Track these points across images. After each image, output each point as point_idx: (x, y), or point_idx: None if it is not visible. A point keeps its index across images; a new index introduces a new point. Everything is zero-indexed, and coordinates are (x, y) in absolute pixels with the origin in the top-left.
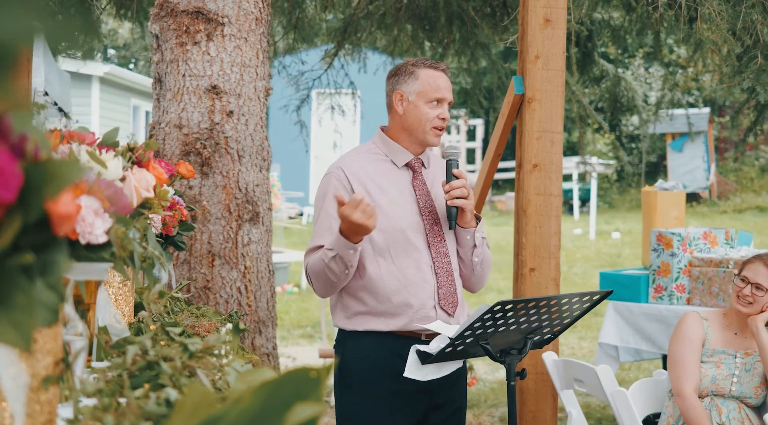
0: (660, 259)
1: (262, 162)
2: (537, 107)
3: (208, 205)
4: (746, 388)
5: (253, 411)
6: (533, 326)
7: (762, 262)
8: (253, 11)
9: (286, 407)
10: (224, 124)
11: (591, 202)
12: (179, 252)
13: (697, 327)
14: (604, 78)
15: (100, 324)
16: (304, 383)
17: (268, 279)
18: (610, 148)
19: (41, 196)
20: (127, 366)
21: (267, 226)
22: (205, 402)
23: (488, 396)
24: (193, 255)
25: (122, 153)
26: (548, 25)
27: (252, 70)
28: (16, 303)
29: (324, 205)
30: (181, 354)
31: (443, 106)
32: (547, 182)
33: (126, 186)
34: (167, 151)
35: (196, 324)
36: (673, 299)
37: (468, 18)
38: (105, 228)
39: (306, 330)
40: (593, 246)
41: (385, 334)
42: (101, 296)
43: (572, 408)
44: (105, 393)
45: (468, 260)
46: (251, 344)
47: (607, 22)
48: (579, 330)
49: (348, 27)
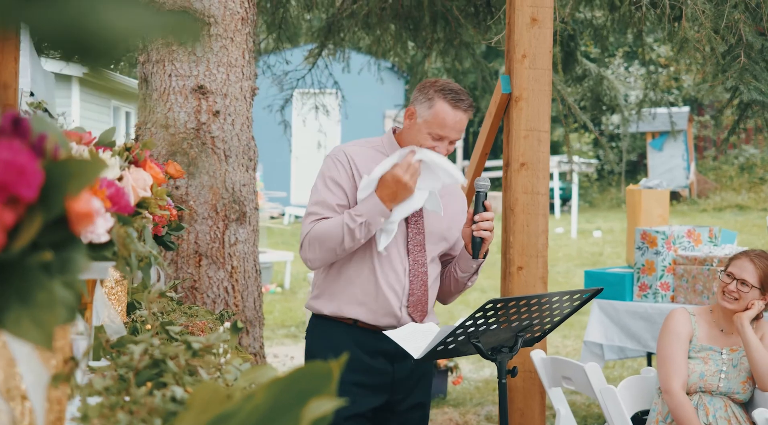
0: (644, 257)
1: (249, 162)
2: (524, 106)
3: (195, 204)
4: (734, 384)
5: (265, 407)
6: (524, 324)
7: (748, 258)
8: (239, 11)
9: (300, 403)
10: (211, 123)
11: (572, 200)
12: (166, 252)
13: (684, 323)
14: (586, 77)
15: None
16: (316, 378)
17: (255, 279)
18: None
19: (62, 195)
20: (135, 365)
21: (254, 226)
22: (216, 398)
23: (473, 394)
24: (180, 255)
25: (119, 152)
26: (535, 24)
27: (238, 70)
28: (37, 301)
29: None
30: (185, 353)
31: (443, 142)
32: (535, 181)
33: (124, 185)
34: (154, 151)
35: (190, 324)
36: (657, 297)
37: (452, 18)
38: (107, 228)
39: (290, 330)
40: (575, 244)
41: (351, 326)
42: (98, 295)
43: (560, 406)
44: (112, 392)
45: (462, 283)
46: (239, 343)
47: (589, 21)
48: (562, 329)
49: (331, 27)
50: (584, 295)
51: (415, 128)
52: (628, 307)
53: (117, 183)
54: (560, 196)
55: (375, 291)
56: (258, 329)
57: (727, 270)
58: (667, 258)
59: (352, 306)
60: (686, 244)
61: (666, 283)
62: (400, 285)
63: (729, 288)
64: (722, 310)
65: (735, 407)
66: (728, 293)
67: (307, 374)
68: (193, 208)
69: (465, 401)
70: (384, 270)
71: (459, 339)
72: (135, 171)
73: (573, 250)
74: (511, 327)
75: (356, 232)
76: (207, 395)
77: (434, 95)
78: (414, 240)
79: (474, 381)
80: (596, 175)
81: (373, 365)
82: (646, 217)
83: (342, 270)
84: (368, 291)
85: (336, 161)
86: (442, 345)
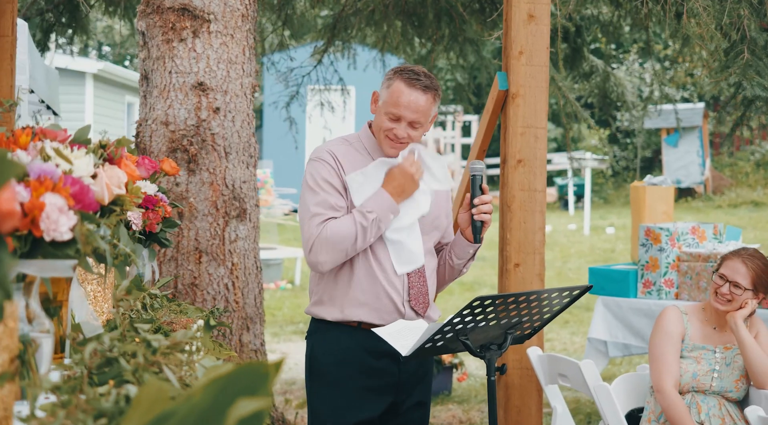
0: (648, 254)
1: (249, 158)
2: (521, 103)
3: (195, 201)
4: (727, 383)
5: (203, 406)
6: (513, 321)
7: (740, 259)
8: (239, 8)
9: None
10: (211, 120)
11: (585, 197)
12: (166, 248)
13: (676, 322)
14: (593, 74)
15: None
16: (253, 379)
17: (256, 276)
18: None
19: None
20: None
21: (254, 223)
22: (161, 398)
23: (478, 391)
24: (180, 251)
25: (93, 150)
26: (532, 21)
27: (238, 67)
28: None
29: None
30: (145, 351)
31: (400, 124)
32: (531, 177)
33: (97, 183)
34: (154, 148)
35: (174, 321)
36: (661, 294)
37: (456, 14)
38: (70, 225)
39: (298, 327)
40: (587, 241)
41: (355, 328)
42: (75, 293)
43: (557, 403)
44: (63, 390)
45: (457, 270)
46: (239, 340)
47: (596, 17)
48: (571, 326)
49: (337, 23)
50: (573, 292)
51: (377, 112)
52: (632, 304)
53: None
54: (574, 192)
55: (375, 290)
56: (259, 326)
57: (719, 272)
58: (671, 255)
59: (354, 308)
60: (690, 241)
61: (670, 280)
62: (399, 280)
63: (722, 291)
64: (715, 308)
65: (729, 405)
66: (721, 295)
67: (246, 374)
68: (194, 205)
69: (469, 398)
70: (382, 268)
71: (447, 337)
72: (109, 168)
73: (585, 247)
74: (500, 324)
75: (368, 231)
76: (152, 394)
77: (393, 76)
78: None
79: (479, 378)
80: (611, 171)
81: (379, 366)
82: (651, 214)
83: (339, 273)
84: (368, 291)
85: (323, 162)
86: (430, 342)
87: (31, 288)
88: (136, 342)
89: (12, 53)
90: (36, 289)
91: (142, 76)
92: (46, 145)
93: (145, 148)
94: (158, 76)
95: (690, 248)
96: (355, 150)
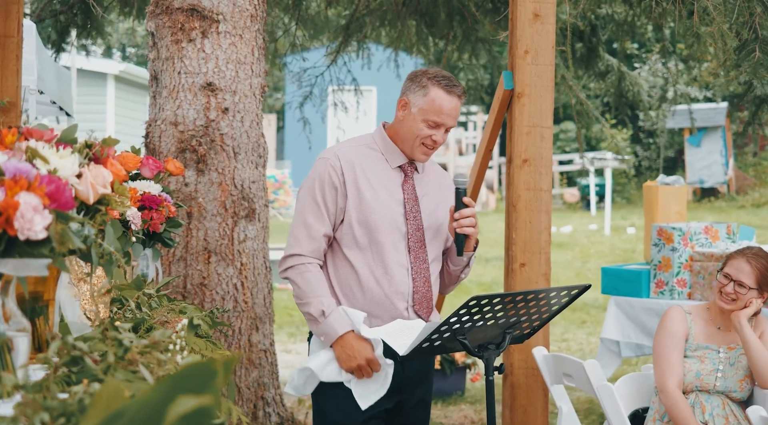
0: (661, 254)
1: (258, 158)
2: (526, 102)
3: (204, 201)
4: (731, 382)
5: (152, 404)
6: (511, 321)
7: (745, 259)
8: (248, 8)
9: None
10: (220, 121)
11: (606, 197)
12: (174, 248)
13: (680, 321)
14: (609, 73)
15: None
16: (201, 377)
17: (265, 276)
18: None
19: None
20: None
21: (263, 223)
22: (117, 397)
23: None
24: (189, 251)
25: (79, 149)
26: (537, 20)
27: (247, 67)
28: None
29: (309, 199)
30: (116, 350)
31: (440, 130)
32: (537, 177)
33: (82, 182)
34: (163, 148)
35: (170, 320)
36: (674, 294)
37: (468, 14)
38: (44, 224)
39: None
40: (608, 241)
41: None
42: (63, 292)
43: (563, 403)
44: (28, 389)
45: (455, 276)
46: (248, 340)
47: (611, 16)
48: (588, 326)
49: (351, 24)
50: (572, 292)
51: (409, 118)
52: (644, 304)
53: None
54: (596, 192)
55: (379, 297)
56: (268, 326)
57: (723, 271)
58: (684, 254)
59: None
60: (703, 241)
61: (683, 280)
62: (405, 286)
63: (726, 290)
64: (719, 308)
65: (733, 405)
66: (726, 294)
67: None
68: (202, 205)
69: (482, 398)
70: (388, 273)
71: (444, 336)
72: (94, 168)
73: (605, 247)
74: (498, 324)
75: (303, 311)
76: (111, 393)
77: (428, 83)
78: (414, 237)
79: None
80: (633, 171)
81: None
82: (663, 214)
83: (344, 276)
84: (372, 298)
85: (330, 168)
86: (428, 342)
87: (9, 288)
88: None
89: (18, 54)
90: (12, 288)
91: (152, 76)
92: (31, 144)
93: (154, 148)
94: (167, 76)
95: (703, 248)
96: (369, 151)
